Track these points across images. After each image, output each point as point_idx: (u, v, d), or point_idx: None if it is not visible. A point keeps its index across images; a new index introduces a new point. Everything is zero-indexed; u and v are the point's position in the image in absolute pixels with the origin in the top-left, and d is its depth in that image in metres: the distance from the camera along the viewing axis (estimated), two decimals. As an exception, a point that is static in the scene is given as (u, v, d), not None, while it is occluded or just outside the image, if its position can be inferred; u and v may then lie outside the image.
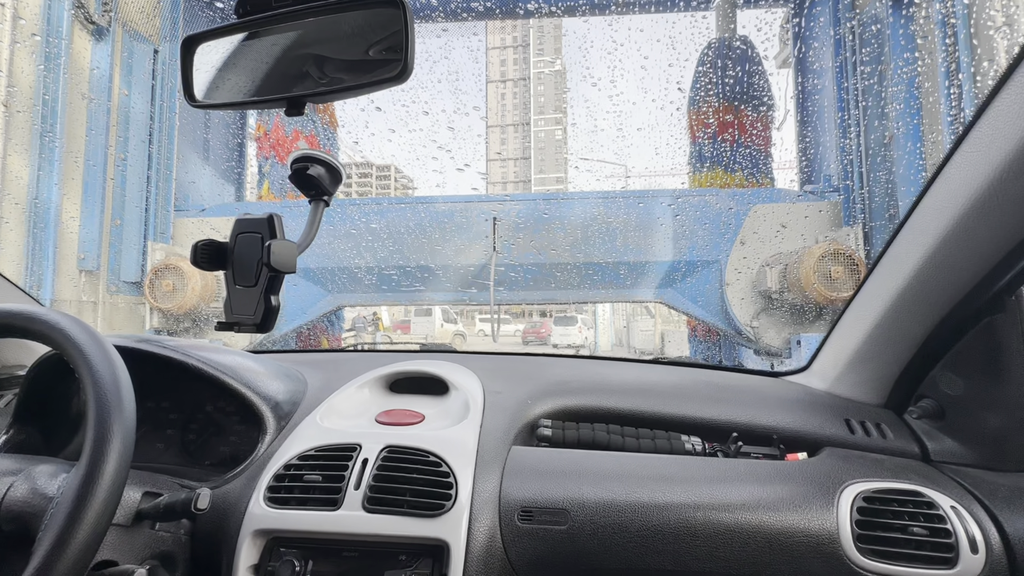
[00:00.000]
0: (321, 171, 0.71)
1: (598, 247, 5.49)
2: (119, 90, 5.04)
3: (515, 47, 59.73)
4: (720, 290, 5.42)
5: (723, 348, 6.71)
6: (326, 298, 5.91)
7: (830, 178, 5.47)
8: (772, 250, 5.32)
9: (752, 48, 6.40)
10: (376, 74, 0.60)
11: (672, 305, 5.61)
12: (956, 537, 0.75)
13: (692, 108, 6.62)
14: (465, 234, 5.61)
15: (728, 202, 5.42)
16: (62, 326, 0.68)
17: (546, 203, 5.58)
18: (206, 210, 5.85)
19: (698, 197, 5.47)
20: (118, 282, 5.02)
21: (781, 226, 5.37)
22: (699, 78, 6.57)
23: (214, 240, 0.68)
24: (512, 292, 5.73)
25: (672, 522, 0.79)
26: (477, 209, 5.54)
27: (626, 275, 5.59)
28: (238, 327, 0.67)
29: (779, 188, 5.93)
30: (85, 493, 0.58)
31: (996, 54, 3.83)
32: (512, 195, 6.41)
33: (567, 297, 5.82)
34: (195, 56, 0.67)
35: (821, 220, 5.30)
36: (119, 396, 0.64)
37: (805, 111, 6.20)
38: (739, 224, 5.37)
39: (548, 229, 5.54)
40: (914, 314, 0.92)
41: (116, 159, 5.02)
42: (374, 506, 0.79)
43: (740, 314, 5.34)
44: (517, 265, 5.58)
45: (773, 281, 4.97)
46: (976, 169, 0.74)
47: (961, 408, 0.92)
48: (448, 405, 1.06)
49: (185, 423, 1.10)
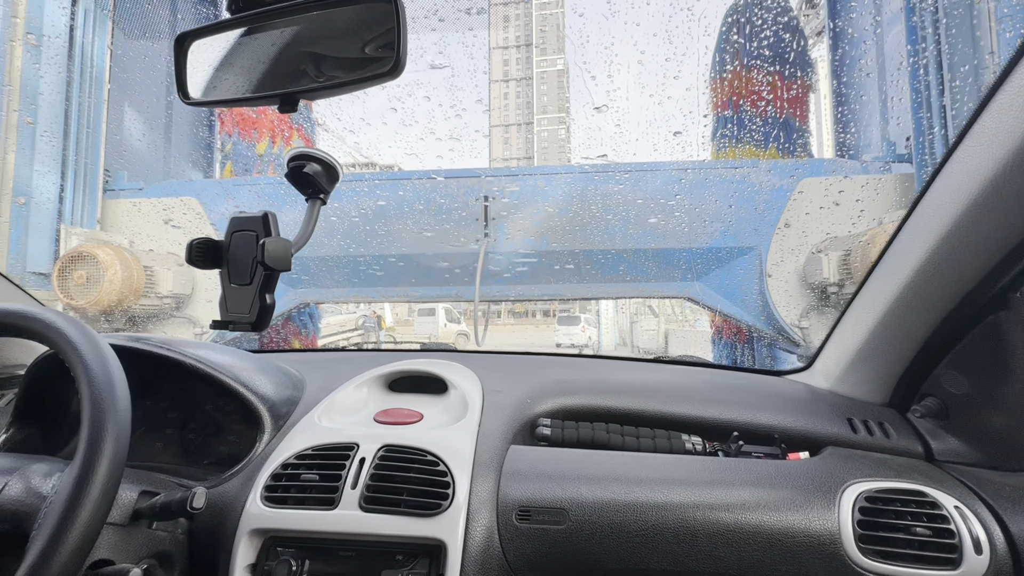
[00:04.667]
0: (318, 169, 0.71)
1: (611, 232, 4.52)
2: (24, 35, 4.11)
3: (518, 46, 59.20)
4: (759, 283, 4.44)
5: (755, 351, 5.70)
6: (288, 293, 4.97)
7: (895, 145, 4.49)
8: (824, 234, 4.35)
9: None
10: (369, 70, 0.60)
11: (700, 301, 4.63)
12: (960, 537, 0.74)
13: (716, 77, 5.63)
14: (451, 217, 4.66)
15: (769, 176, 4.45)
16: (58, 325, 0.68)
17: (548, 180, 4.64)
18: (144, 189, 4.92)
19: (731, 170, 4.49)
20: (24, 273, 4.12)
21: (834, 204, 4.39)
22: (723, 43, 5.59)
23: (209, 238, 0.67)
24: (507, 286, 4.77)
25: (672, 522, 0.79)
26: (465, 186, 4.59)
27: (644, 265, 4.61)
28: (233, 325, 0.67)
29: (831, 159, 4.94)
30: (79, 492, 0.57)
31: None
32: (507, 169, 5.62)
33: (572, 292, 4.87)
34: (188, 53, 0.67)
35: (886, 196, 4.32)
36: (113, 395, 0.64)
37: (851, 66, 5.18)
38: (782, 203, 4.39)
39: (550, 210, 4.57)
40: (917, 312, 0.90)
41: (21, 123, 4.12)
42: (371, 505, 0.79)
43: (785, 312, 4.36)
44: (513, 254, 4.62)
45: (830, 270, 3.99)
46: (978, 165, 0.72)
47: (965, 407, 0.91)
48: (447, 404, 1.05)
49: (184, 422, 1.09)
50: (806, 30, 5.31)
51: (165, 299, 4.47)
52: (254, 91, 0.65)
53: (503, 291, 4.83)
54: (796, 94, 5.23)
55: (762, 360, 5.56)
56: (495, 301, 5.54)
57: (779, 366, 4.98)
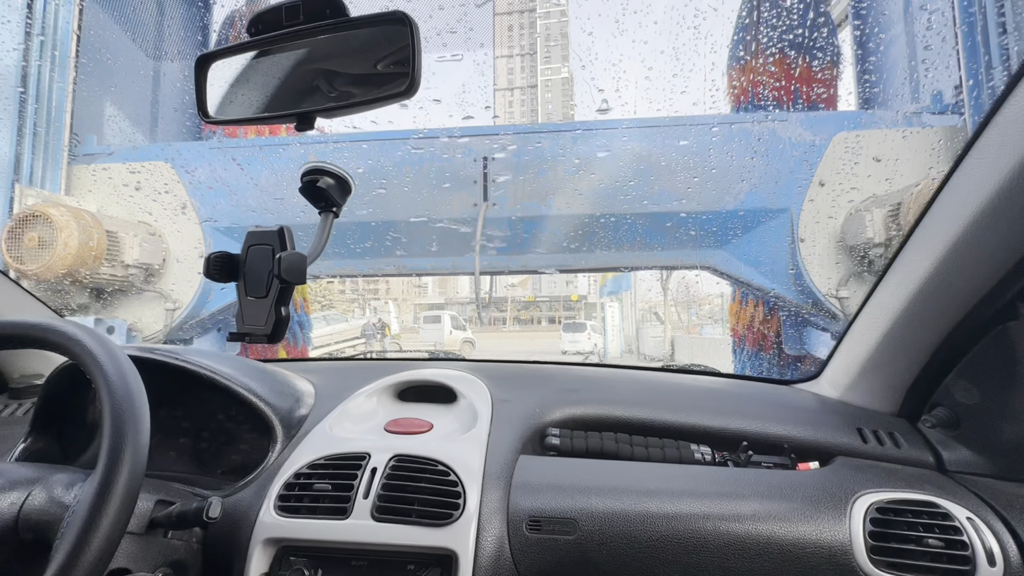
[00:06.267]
0: (331, 183, 0.73)
1: (624, 195, 4.07)
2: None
3: (522, 55, 59.41)
4: (791, 249, 3.97)
5: (780, 359, 5.10)
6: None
7: (941, 95, 4.03)
8: (863, 193, 3.89)
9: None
10: (384, 89, 0.61)
11: (723, 271, 4.16)
12: (973, 549, 0.73)
13: (734, 66, 5.06)
14: (448, 180, 4.22)
15: (800, 130, 4.00)
16: (79, 338, 0.69)
17: (555, 138, 4.19)
18: (114, 154, 4.52)
19: (759, 124, 4.05)
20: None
21: (874, 160, 3.93)
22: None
23: (226, 252, 0.69)
24: (509, 256, 4.32)
25: (681, 533, 0.78)
26: (463, 147, 4.16)
27: (662, 232, 4.15)
28: (249, 337, 0.68)
29: (868, 111, 4.47)
30: (100, 503, 0.58)
31: None
32: (510, 127, 5.20)
33: (581, 262, 4.41)
34: (208, 73, 0.69)
35: (932, 150, 3.86)
36: (133, 408, 0.65)
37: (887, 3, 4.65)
38: (816, 159, 3.94)
39: (558, 172, 4.13)
40: (926, 321, 0.90)
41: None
42: (383, 515, 0.79)
43: (820, 280, 3.88)
44: (515, 220, 4.17)
45: (876, 229, 3.52)
46: (985, 176, 0.73)
47: (976, 417, 0.90)
48: (456, 414, 1.06)
49: (197, 432, 1.10)
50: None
51: (131, 269, 4.05)
52: (271, 110, 0.67)
53: (505, 262, 4.38)
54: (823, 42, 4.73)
55: (773, 368, 5.06)
56: (497, 273, 5.10)
57: (788, 375, 4.53)
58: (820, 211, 3.90)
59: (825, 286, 3.86)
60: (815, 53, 4.58)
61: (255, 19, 0.62)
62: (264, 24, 0.62)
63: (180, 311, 4.35)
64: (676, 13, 15.92)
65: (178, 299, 4.35)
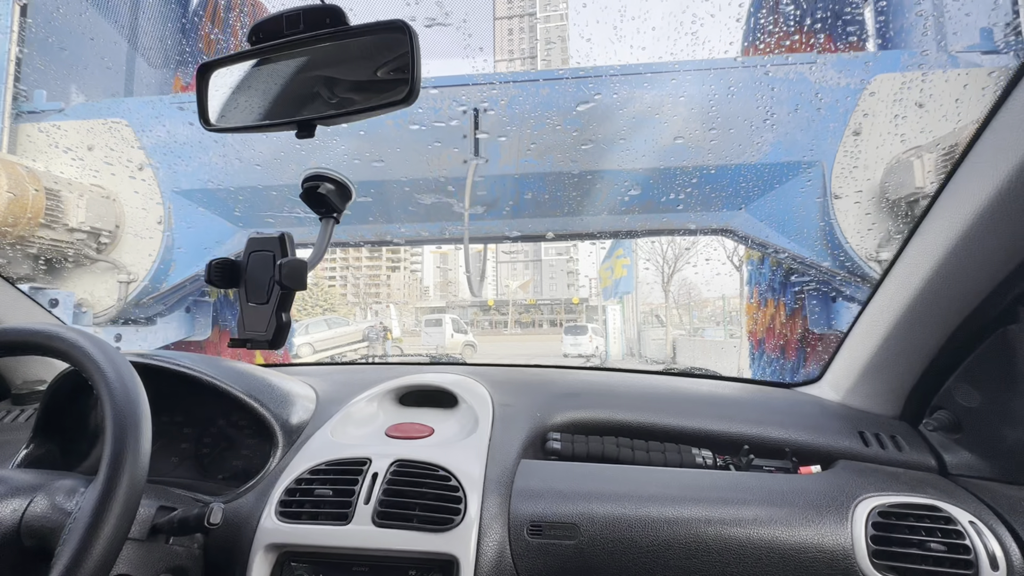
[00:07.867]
0: (331, 188, 0.73)
1: (634, 149, 3.61)
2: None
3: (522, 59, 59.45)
4: (822, 206, 3.50)
5: (806, 362, 4.59)
6: (236, 235, 4.08)
7: (991, 32, 3.58)
8: (903, 145, 3.43)
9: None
10: (384, 96, 0.61)
11: (745, 234, 3.69)
12: (975, 553, 0.73)
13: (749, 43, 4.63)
14: (435, 135, 3.77)
15: (833, 73, 3.55)
16: (81, 344, 0.69)
17: (555, 86, 3.74)
18: (65, 110, 4.08)
19: (786, 67, 3.60)
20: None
21: (917, 105, 3.47)
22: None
23: (228, 259, 0.69)
24: (504, 220, 3.86)
25: (683, 537, 0.78)
26: (451, 96, 3.71)
27: (675, 190, 3.69)
28: (251, 343, 0.68)
29: (908, 51, 4.01)
30: (102, 509, 0.58)
31: None
32: (502, 75, 4.75)
33: (584, 226, 3.94)
34: (210, 82, 0.69)
35: (981, 93, 3.40)
36: (135, 414, 0.65)
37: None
38: (850, 106, 3.48)
39: (558, 123, 3.67)
40: (927, 324, 0.90)
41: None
42: (384, 521, 0.79)
43: (856, 241, 3.42)
44: (510, 178, 3.71)
45: (924, 177, 3.06)
46: (984, 179, 0.73)
47: (978, 420, 0.89)
48: (458, 418, 1.06)
49: (199, 437, 1.10)
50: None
51: (77, 234, 3.59)
52: (272, 117, 0.67)
53: (499, 227, 3.92)
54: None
55: (777, 369, 4.59)
56: (490, 239, 4.64)
57: (789, 378, 4.09)
58: (855, 164, 3.44)
59: (863, 248, 3.39)
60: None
61: (256, 28, 0.62)
62: (265, 33, 0.62)
63: (136, 283, 3.89)
64: (674, 19, 15.79)
65: (134, 270, 3.90)
